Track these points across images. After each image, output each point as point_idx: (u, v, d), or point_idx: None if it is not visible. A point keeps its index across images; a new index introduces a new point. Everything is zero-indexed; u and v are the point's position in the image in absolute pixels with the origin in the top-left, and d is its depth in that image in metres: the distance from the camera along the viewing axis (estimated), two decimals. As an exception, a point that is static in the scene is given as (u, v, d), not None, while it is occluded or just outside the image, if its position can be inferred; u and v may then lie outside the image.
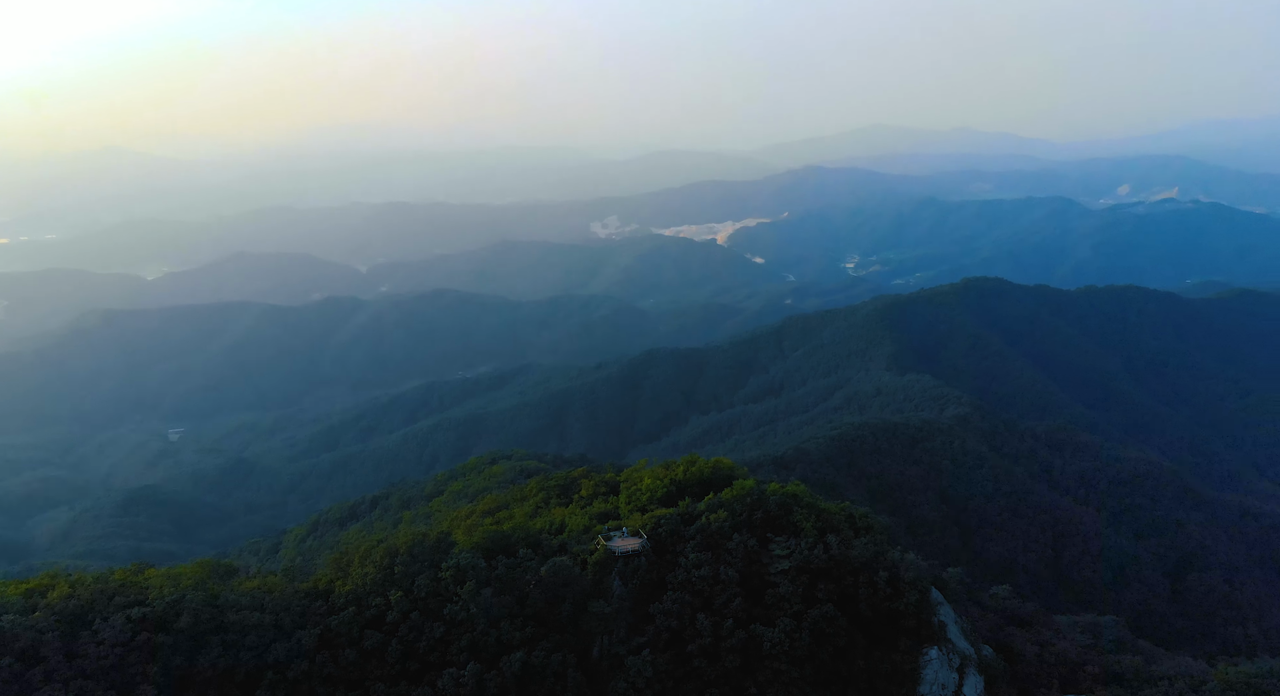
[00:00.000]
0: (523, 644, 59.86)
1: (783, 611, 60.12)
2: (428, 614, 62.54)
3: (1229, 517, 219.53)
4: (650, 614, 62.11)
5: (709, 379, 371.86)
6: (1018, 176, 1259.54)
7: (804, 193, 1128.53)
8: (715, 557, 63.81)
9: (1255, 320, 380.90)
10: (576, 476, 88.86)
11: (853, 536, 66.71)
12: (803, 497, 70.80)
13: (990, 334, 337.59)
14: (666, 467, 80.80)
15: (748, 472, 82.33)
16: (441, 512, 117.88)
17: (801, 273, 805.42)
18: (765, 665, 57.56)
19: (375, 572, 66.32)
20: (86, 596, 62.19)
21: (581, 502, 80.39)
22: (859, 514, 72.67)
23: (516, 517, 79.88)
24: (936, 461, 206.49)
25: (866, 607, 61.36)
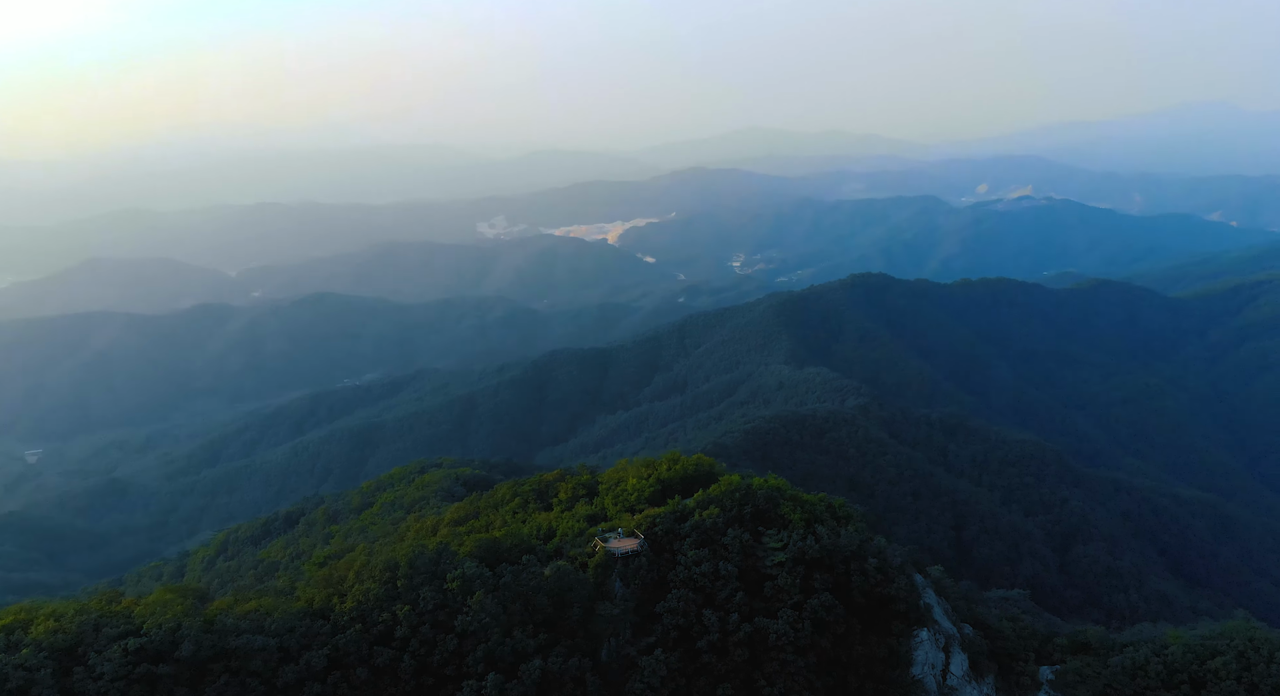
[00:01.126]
0: (537, 651, 58.97)
1: (782, 602, 61.57)
2: (438, 626, 60.64)
3: (1105, 492, 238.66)
4: (656, 613, 62.25)
5: (614, 378, 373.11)
6: (886, 177, 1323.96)
7: (689, 193, 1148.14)
8: (713, 554, 64.65)
9: (1112, 307, 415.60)
10: (551, 480, 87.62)
11: (837, 525, 69.07)
12: (786, 490, 72.69)
13: (878, 327, 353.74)
14: (648, 467, 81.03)
15: (726, 468, 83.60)
16: (380, 525, 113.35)
17: (692, 271, 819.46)
18: (771, 656, 58.80)
19: (377, 588, 63.94)
20: (72, 629, 56.85)
21: (563, 506, 79.45)
22: (837, 503, 75.19)
23: (497, 525, 78.16)
24: (843, 450, 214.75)
25: (859, 594, 63.70)
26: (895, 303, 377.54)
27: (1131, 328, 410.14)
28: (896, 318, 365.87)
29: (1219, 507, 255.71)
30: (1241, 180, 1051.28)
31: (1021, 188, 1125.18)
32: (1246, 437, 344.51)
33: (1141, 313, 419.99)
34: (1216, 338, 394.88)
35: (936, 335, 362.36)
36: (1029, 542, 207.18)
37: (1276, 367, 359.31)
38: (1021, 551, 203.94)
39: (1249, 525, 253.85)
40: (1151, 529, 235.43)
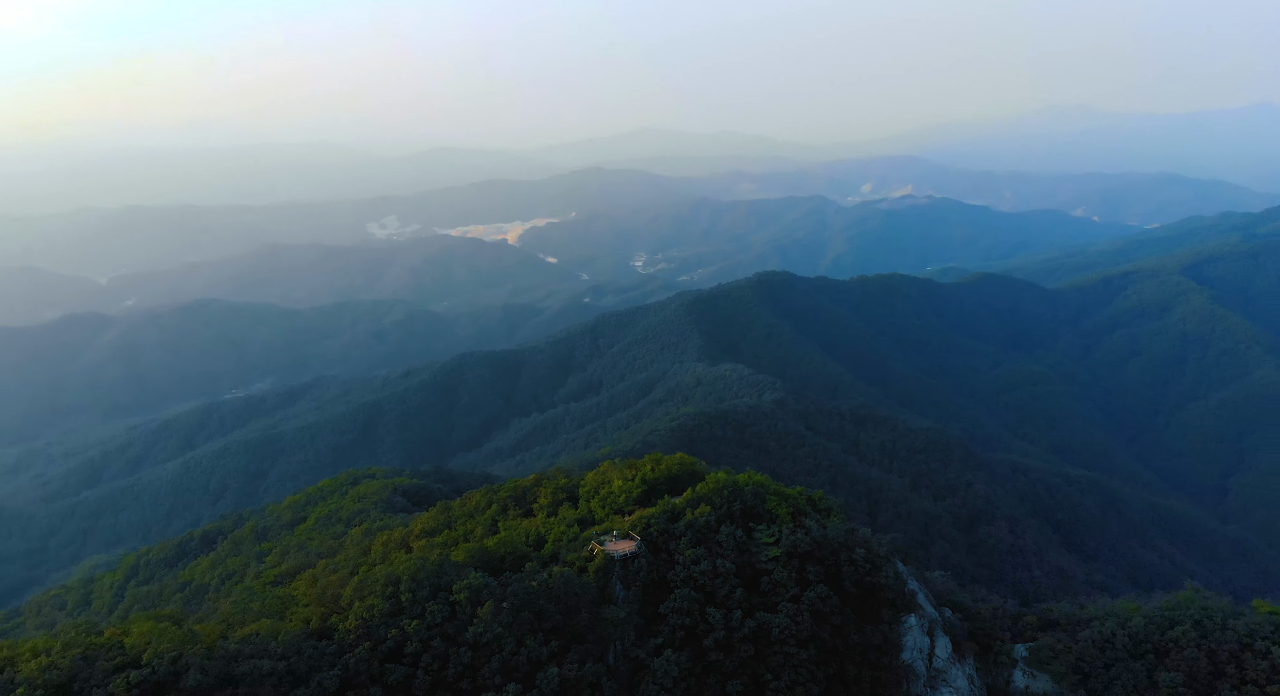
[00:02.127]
0: (550, 658, 57.98)
1: (780, 596, 62.42)
2: (448, 639, 58.79)
3: (1004, 475, 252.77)
4: (659, 613, 62.06)
5: (527, 380, 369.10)
6: (778, 177, 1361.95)
7: (588, 193, 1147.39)
8: (709, 552, 64.92)
9: (995, 299, 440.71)
10: (529, 485, 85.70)
11: (821, 518, 70.62)
12: (770, 486, 73.76)
13: (783, 323, 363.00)
14: (631, 468, 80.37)
15: (706, 467, 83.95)
16: (320, 540, 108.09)
17: (595, 271, 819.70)
18: (774, 650, 59.55)
19: (381, 603, 61.51)
20: (65, 664, 51.72)
21: (546, 511, 77.85)
22: (817, 496, 76.90)
23: (477, 534, 75.87)
24: (764, 444, 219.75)
25: (850, 584, 65.30)
26: (798, 299, 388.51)
27: (1013, 318, 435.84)
28: (799, 313, 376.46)
29: (1104, 484, 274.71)
30: (1102, 177, 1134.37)
31: (903, 187, 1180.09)
32: (1121, 418, 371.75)
33: (1022, 303, 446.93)
34: (1090, 326, 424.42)
35: (837, 329, 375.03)
36: (939, 525, 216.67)
37: (1145, 353, 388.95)
38: (932, 534, 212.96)
39: (1130, 499, 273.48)
40: (1047, 507, 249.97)
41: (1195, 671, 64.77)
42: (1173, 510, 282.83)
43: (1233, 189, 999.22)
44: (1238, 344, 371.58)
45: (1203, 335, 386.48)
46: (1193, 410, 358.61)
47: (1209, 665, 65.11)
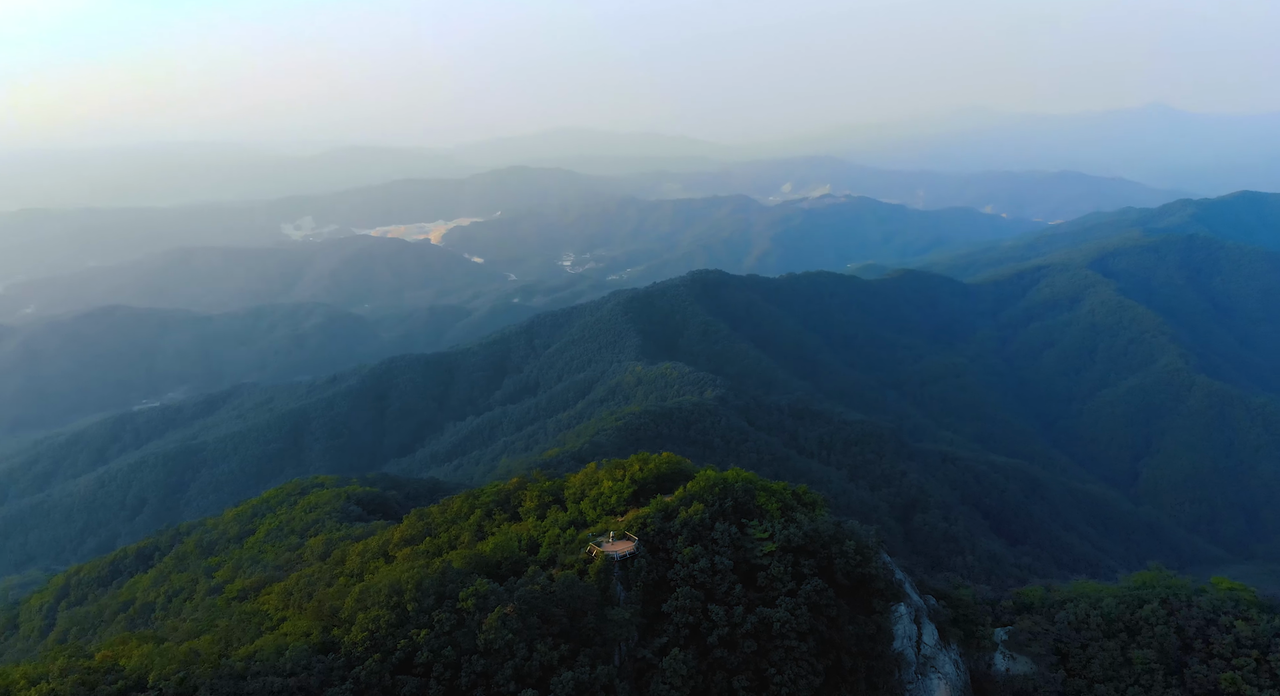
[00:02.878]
0: (561, 662, 57.26)
1: (778, 591, 63.01)
2: (459, 648, 57.58)
3: (934, 464, 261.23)
4: (661, 612, 61.97)
5: (461, 383, 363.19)
6: (700, 177, 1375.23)
7: (512, 192, 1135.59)
8: (706, 549, 65.02)
9: (916, 294, 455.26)
10: (512, 489, 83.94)
11: (808, 511, 71.53)
12: (757, 481, 74.31)
13: (718, 321, 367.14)
14: (620, 468, 79.63)
15: (694, 465, 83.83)
16: (274, 553, 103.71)
17: (523, 271, 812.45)
18: (776, 644, 60.15)
19: (387, 614, 59.82)
20: (68, 690, 48.00)
21: (533, 514, 76.41)
22: (800, 490, 77.80)
23: (464, 541, 73.87)
24: (709, 440, 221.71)
25: (842, 576, 66.38)
26: (731, 297, 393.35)
27: (934, 312, 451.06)
28: (733, 311, 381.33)
29: (1026, 471, 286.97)
30: (1008, 176, 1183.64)
31: (821, 186, 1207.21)
32: (1037, 406, 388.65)
33: (941, 298, 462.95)
34: (1006, 318, 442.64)
35: (769, 326, 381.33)
36: (876, 515, 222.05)
37: (1058, 343, 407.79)
38: (871, 523, 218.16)
39: (1051, 485, 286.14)
40: (975, 494, 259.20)
41: (1165, 647, 68.33)
42: (1090, 494, 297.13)
43: (1129, 186, 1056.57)
44: (1143, 333, 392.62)
45: (1110, 325, 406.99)
46: (1104, 397, 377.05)
47: (1178, 641, 68.78)
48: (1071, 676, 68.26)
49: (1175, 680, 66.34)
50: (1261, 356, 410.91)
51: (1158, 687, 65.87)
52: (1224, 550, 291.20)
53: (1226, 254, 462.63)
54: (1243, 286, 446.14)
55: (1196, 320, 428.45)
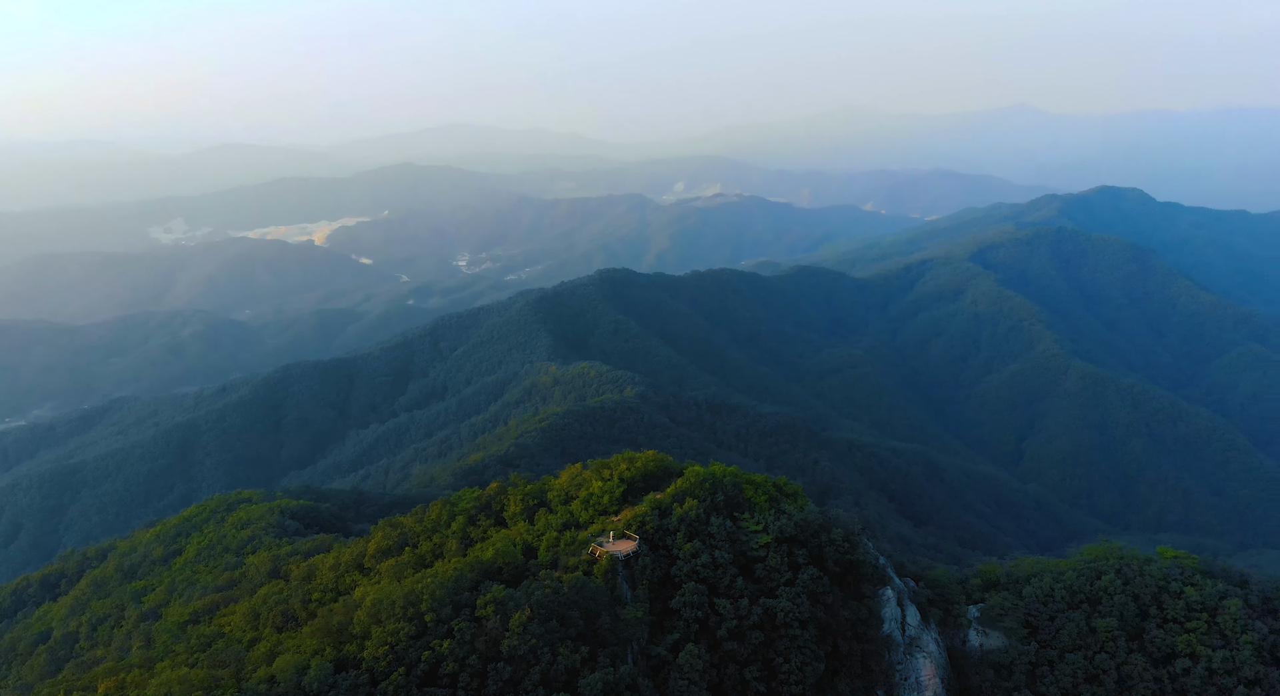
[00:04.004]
0: (584, 664, 56.44)
1: (776, 581, 63.54)
2: (483, 656, 56.07)
3: (842, 451, 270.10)
4: (669, 609, 61.75)
5: (362, 390, 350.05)
6: (594, 175, 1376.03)
7: (399, 191, 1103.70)
8: (706, 544, 64.80)
9: (812, 290, 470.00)
10: (493, 494, 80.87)
11: (792, 502, 72.38)
12: (742, 475, 74.57)
13: (627, 319, 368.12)
14: (605, 468, 78.14)
15: (677, 463, 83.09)
16: (209, 574, 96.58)
17: (415, 272, 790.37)
18: (781, 633, 60.79)
19: (407, 626, 57.72)
20: None
21: (521, 518, 73.86)
22: (781, 482, 78.56)
23: (450, 549, 70.58)
24: (633, 437, 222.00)
25: (832, 563, 67.50)
26: (639, 295, 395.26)
27: (829, 306, 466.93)
28: (641, 309, 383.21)
29: (925, 455, 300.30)
30: (887, 174, 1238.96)
31: (713, 186, 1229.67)
32: (928, 392, 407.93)
33: (836, 293, 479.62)
34: (896, 310, 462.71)
35: (677, 324, 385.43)
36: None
37: (945, 333, 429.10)
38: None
39: (947, 467, 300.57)
40: (881, 479, 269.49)
41: (1125, 614, 72.89)
42: (982, 474, 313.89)
43: (997, 182, 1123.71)
44: (1021, 321, 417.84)
45: (992, 315, 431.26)
46: (988, 383, 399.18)
47: (1135, 608, 73.47)
48: (1043, 647, 72.06)
49: (1136, 645, 71.02)
50: (1125, 340, 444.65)
51: (1121, 653, 70.37)
52: (1102, 521, 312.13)
53: (1091, 245, 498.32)
54: (1107, 275, 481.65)
55: (1068, 308, 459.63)
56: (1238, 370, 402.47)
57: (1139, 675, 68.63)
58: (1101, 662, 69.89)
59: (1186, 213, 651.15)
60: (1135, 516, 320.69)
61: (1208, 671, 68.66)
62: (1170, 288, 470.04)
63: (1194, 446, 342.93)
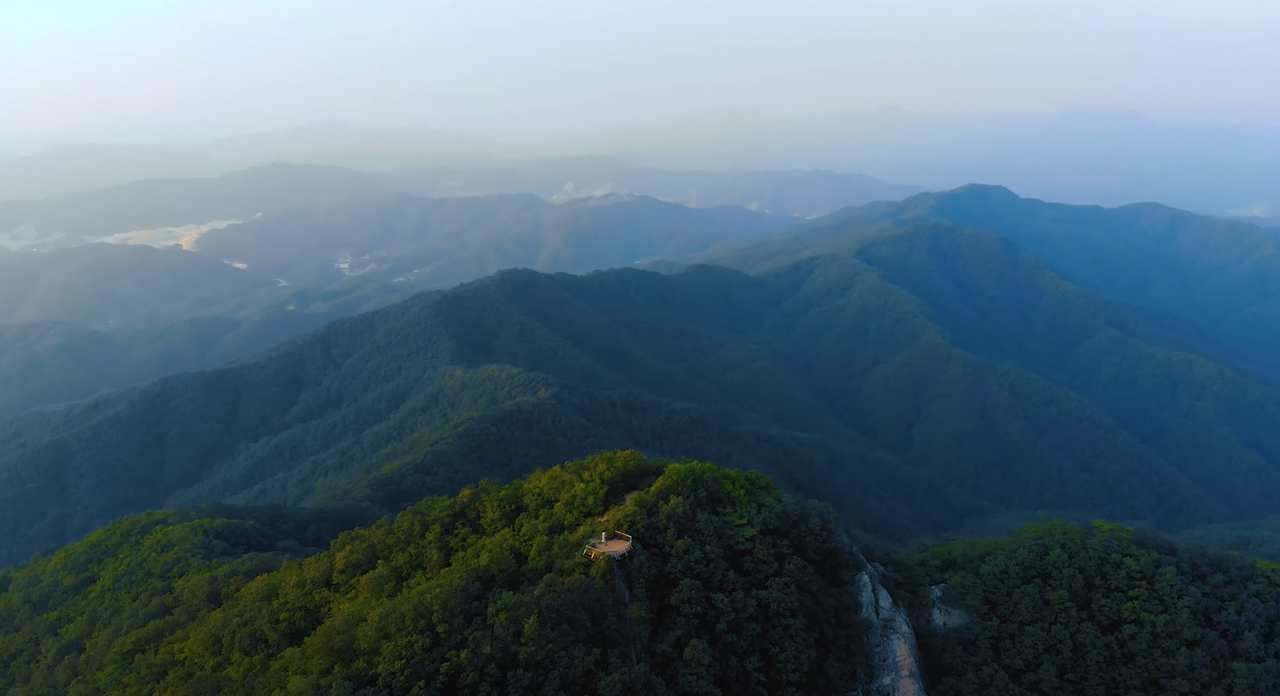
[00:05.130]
0: (598, 666, 56.15)
1: (765, 572, 64.32)
2: (500, 664, 55.13)
3: (751, 443, 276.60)
4: (667, 606, 61.89)
5: (251, 401, 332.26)
6: (481, 174, 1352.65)
7: (273, 191, 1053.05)
8: (695, 540, 64.82)
9: (710, 288, 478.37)
10: (465, 501, 77.62)
11: (768, 494, 73.29)
12: (719, 471, 74.87)
13: (531, 320, 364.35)
14: (584, 469, 76.43)
15: (651, 461, 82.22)
16: (134, 604, 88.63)
17: (294, 277, 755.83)
18: (774, 623, 61.63)
19: (421, 639, 56.19)
20: None
21: (501, 524, 71.25)
22: (752, 475, 79.32)
23: (431, 559, 67.24)
24: (552, 439, 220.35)
25: (813, 552, 68.82)
26: (542, 296, 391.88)
27: (727, 303, 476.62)
28: (545, 310, 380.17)
29: (826, 444, 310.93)
30: (768, 175, 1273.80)
31: (603, 185, 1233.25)
32: (822, 384, 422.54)
33: (732, 290, 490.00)
34: (789, 306, 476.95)
35: (582, 323, 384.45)
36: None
37: (835, 327, 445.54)
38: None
39: (847, 455, 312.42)
40: (788, 469, 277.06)
41: (1073, 586, 77.79)
42: (878, 460, 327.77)
43: (872, 182, 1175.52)
44: (905, 314, 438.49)
45: (878, 308, 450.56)
46: (877, 373, 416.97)
47: (1082, 579, 78.50)
48: (1004, 622, 76.03)
49: (1085, 614, 75.99)
50: (999, 329, 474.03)
51: (1074, 622, 75.20)
52: (989, 502, 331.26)
53: (965, 240, 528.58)
54: (980, 269, 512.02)
55: (946, 300, 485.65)
56: (1100, 354, 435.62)
57: (1091, 642, 73.57)
58: (1057, 633, 74.60)
59: (1046, 208, 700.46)
60: (1016, 495, 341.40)
61: (1152, 635, 74.37)
62: (1037, 279, 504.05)
63: (1065, 427, 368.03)
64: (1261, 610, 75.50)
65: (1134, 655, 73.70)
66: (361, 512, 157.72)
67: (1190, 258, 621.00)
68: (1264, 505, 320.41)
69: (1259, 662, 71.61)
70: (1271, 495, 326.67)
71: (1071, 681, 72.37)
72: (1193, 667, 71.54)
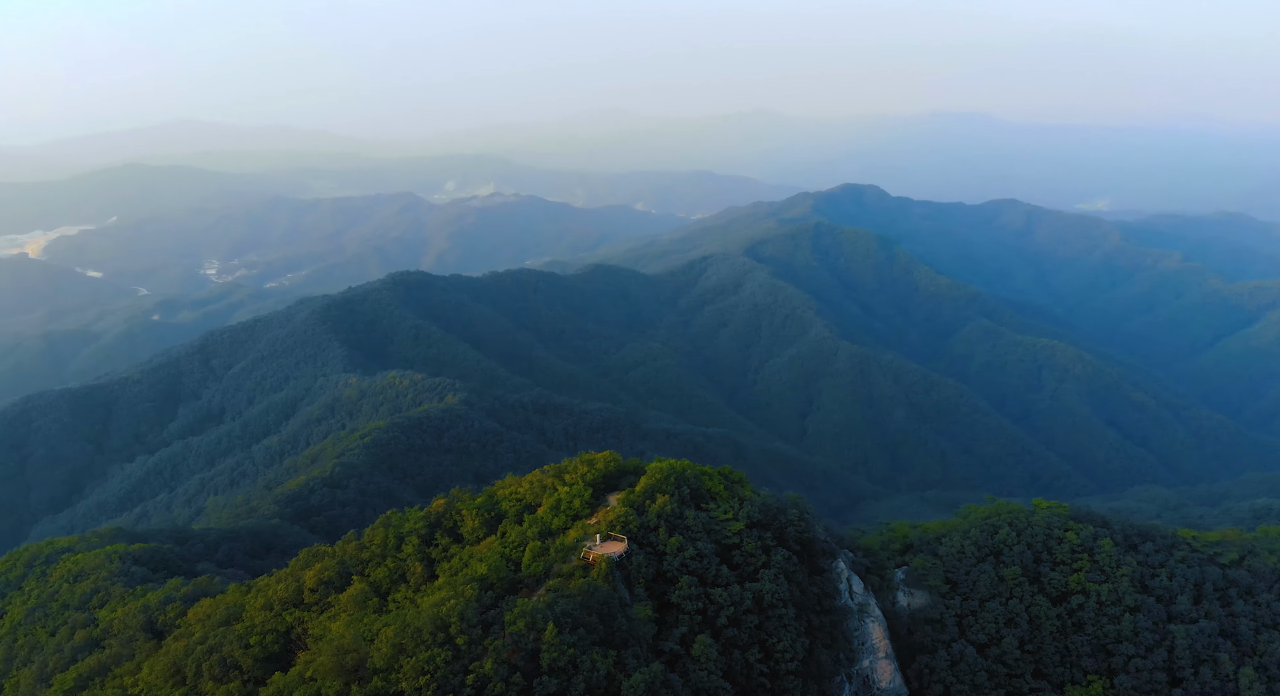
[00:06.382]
0: (618, 668, 55.42)
1: (754, 565, 64.82)
2: (525, 672, 53.81)
3: (661, 440, 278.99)
4: (668, 603, 61.46)
5: (123, 418, 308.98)
6: (355, 174, 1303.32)
7: (129, 194, 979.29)
8: (688, 538, 64.48)
9: (609, 287, 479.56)
10: (440, 510, 73.62)
11: (743, 488, 73.73)
12: (697, 467, 74.67)
13: (428, 324, 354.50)
14: (566, 473, 74.08)
15: (628, 461, 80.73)
16: (60, 632, 79.75)
17: (156, 284, 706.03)
18: (769, 615, 62.21)
19: (443, 652, 54.51)
20: None
21: (484, 531, 68.00)
22: (725, 470, 79.53)
23: (414, 571, 63.46)
24: (465, 445, 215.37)
25: (793, 542, 69.74)
26: (437, 298, 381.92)
27: (626, 303, 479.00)
28: (442, 313, 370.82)
29: (730, 438, 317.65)
30: (652, 175, 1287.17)
31: (486, 184, 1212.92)
32: (720, 380, 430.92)
33: (630, 290, 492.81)
34: (685, 304, 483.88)
35: (482, 326, 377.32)
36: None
37: (730, 323, 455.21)
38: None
39: (749, 447, 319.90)
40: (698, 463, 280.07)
41: (1024, 562, 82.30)
42: (777, 451, 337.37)
43: (750, 182, 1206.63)
44: (794, 309, 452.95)
45: (769, 305, 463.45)
46: (771, 367, 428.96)
47: (1031, 555, 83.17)
48: (965, 599, 79.65)
49: (1036, 588, 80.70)
50: (880, 321, 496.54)
51: (1027, 596, 79.70)
52: (879, 486, 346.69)
53: (845, 238, 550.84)
54: (860, 265, 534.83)
55: (830, 295, 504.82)
56: (972, 342, 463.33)
57: (1045, 614, 78.35)
58: (1014, 607, 79.00)
59: (915, 206, 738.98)
60: (904, 478, 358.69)
61: (1098, 604, 79.85)
62: (913, 273, 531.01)
63: (945, 412, 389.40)
64: (1189, 575, 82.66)
65: (1083, 623, 79.07)
66: (273, 530, 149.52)
67: (1046, 250, 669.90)
68: (1124, 478, 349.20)
69: (1193, 623, 78.33)
70: (1131, 469, 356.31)
71: (1030, 652, 76.92)
72: (1136, 632, 77.45)
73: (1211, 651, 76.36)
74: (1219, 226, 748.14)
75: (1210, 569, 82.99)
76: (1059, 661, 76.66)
